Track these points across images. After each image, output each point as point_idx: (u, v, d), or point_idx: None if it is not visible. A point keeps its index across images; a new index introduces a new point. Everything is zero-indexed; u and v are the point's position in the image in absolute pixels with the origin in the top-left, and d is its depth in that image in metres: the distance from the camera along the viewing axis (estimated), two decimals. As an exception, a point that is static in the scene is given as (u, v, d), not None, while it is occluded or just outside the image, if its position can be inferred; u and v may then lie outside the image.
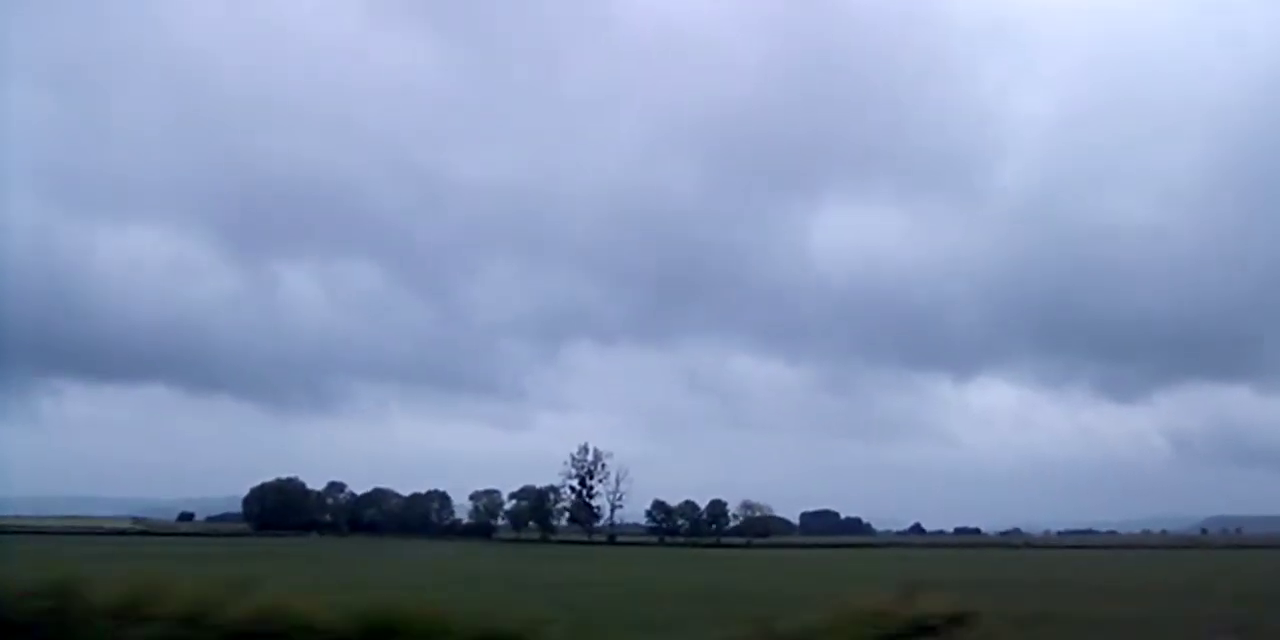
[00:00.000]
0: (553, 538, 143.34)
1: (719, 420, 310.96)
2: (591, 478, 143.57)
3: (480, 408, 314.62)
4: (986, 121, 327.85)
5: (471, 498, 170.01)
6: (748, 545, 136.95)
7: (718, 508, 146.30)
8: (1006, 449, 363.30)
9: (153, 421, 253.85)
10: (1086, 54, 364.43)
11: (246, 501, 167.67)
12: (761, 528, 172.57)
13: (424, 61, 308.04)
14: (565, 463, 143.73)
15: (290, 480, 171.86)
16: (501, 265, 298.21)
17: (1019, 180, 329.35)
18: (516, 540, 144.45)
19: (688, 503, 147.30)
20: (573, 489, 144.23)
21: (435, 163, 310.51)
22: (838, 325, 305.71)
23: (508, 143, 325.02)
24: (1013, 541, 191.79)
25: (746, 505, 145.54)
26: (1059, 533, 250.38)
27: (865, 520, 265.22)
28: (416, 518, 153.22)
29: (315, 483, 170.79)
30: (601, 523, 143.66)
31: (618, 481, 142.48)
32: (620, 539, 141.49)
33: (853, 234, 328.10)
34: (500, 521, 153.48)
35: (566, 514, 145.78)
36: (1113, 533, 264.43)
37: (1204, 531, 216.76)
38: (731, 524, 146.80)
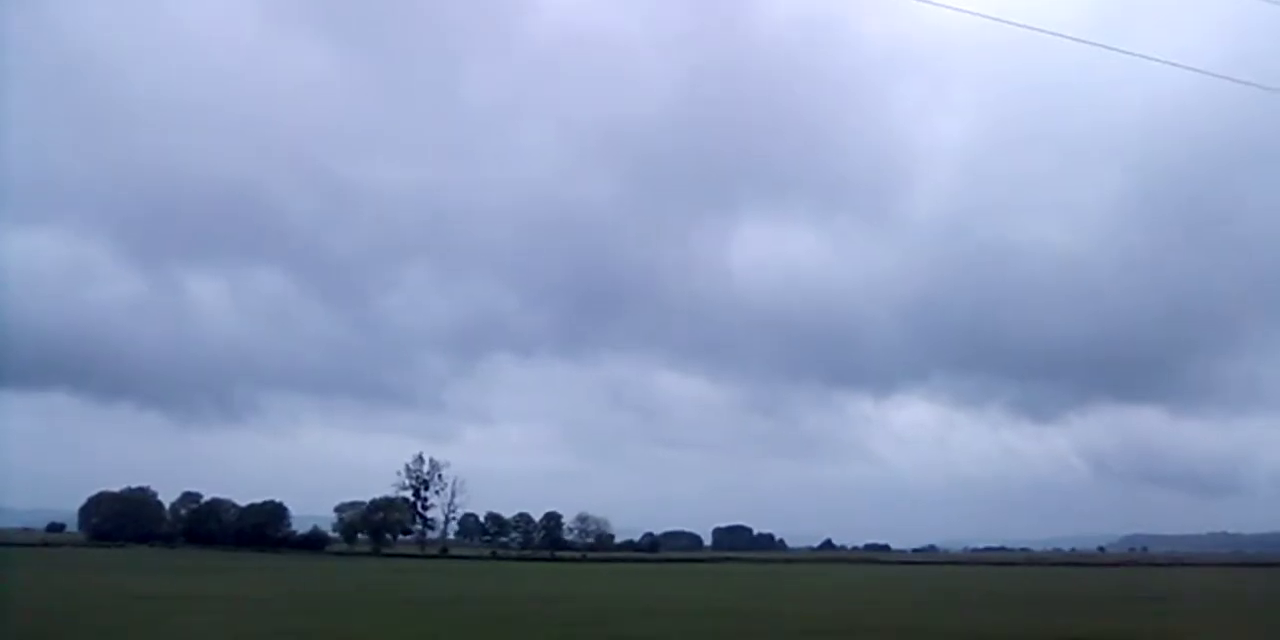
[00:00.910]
0: (385, 551, 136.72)
1: (640, 436, 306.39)
2: (427, 488, 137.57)
3: (396, 419, 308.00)
4: (899, 146, 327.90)
5: (336, 509, 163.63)
6: (582, 559, 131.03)
7: (552, 520, 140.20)
8: (926, 467, 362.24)
9: (52, 429, 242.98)
10: (997, 84, 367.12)
11: (83, 510, 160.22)
12: (650, 543, 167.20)
13: (323, 66, 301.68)
14: (399, 473, 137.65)
15: (138, 489, 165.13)
16: (416, 275, 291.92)
17: (933, 204, 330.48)
18: (348, 553, 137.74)
19: (521, 515, 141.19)
20: (406, 500, 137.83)
21: (343, 169, 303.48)
22: (758, 342, 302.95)
23: (415, 150, 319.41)
24: (917, 558, 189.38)
25: (581, 518, 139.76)
26: (973, 550, 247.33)
27: (778, 536, 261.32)
28: (252, 529, 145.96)
29: (169, 494, 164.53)
30: (434, 535, 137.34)
31: (453, 493, 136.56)
32: (454, 552, 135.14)
33: (771, 254, 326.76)
34: (333, 533, 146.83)
35: (399, 526, 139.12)
36: (1025, 550, 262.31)
37: (1101, 549, 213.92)
38: (568, 537, 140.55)
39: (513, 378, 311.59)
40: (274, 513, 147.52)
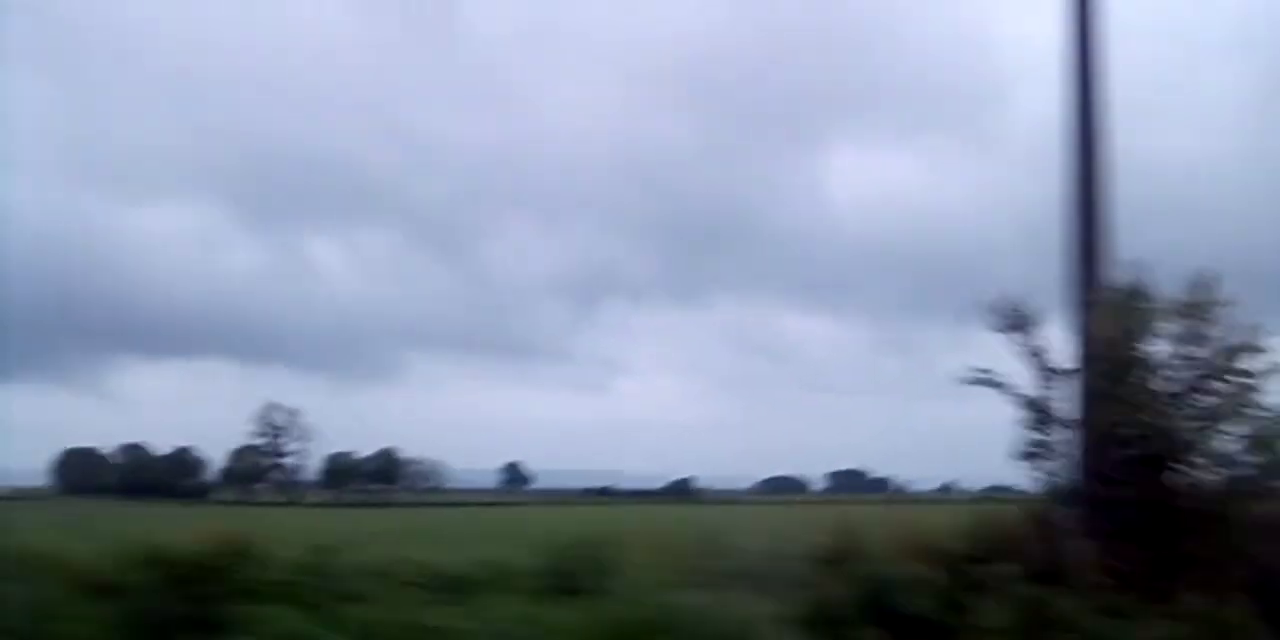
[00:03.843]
0: (250, 500, 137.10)
1: (772, 381, 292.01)
2: (281, 436, 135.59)
3: (526, 373, 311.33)
4: (987, 51, 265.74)
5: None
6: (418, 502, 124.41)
7: (389, 461, 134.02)
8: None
9: (217, 393, 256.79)
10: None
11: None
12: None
13: (345, 23, 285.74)
14: (250, 421, 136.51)
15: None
16: (515, 225, 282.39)
17: (1039, 111, 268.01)
18: (225, 502, 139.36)
19: (361, 458, 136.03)
20: (260, 449, 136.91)
21: (418, 124, 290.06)
22: (876, 276, 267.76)
23: (475, 98, 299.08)
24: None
25: (414, 460, 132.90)
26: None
27: (898, 480, 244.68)
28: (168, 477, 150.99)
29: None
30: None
31: (307, 440, 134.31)
32: (310, 500, 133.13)
33: (871, 179, 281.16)
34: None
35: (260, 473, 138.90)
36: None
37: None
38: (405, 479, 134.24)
39: (632, 324, 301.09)
40: (182, 460, 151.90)
